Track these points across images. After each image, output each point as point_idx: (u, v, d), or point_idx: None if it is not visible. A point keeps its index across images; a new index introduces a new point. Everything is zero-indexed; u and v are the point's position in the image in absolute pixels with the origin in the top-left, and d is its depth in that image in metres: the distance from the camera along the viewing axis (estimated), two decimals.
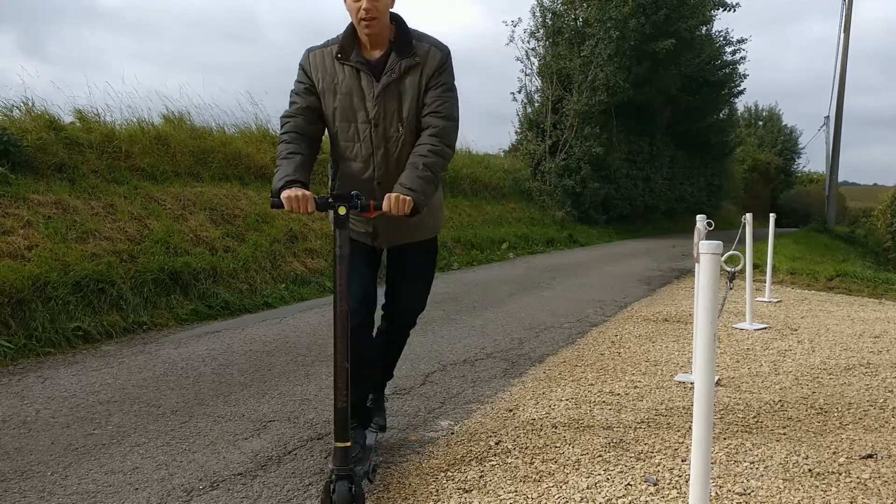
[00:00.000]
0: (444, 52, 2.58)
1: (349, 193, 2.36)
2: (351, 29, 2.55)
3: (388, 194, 2.41)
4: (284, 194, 2.39)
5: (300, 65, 2.63)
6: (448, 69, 2.59)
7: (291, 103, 2.64)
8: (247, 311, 6.37)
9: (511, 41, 21.81)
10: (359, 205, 2.36)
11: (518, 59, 20.67)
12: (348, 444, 2.30)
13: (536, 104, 19.57)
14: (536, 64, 19.44)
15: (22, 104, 7.15)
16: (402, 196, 2.40)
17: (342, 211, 2.33)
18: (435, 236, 2.91)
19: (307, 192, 2.41)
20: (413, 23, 2.65)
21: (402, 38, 2.55)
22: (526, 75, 19.57)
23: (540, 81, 19.46)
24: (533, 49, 19.52)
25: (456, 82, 2.64)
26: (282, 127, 2.64)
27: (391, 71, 2.52)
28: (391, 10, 2.55)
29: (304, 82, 2.62)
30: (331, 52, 2.57)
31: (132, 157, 7.72)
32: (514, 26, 19.49)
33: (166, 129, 8.76)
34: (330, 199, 2.37)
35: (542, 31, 19.30)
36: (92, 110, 8.02)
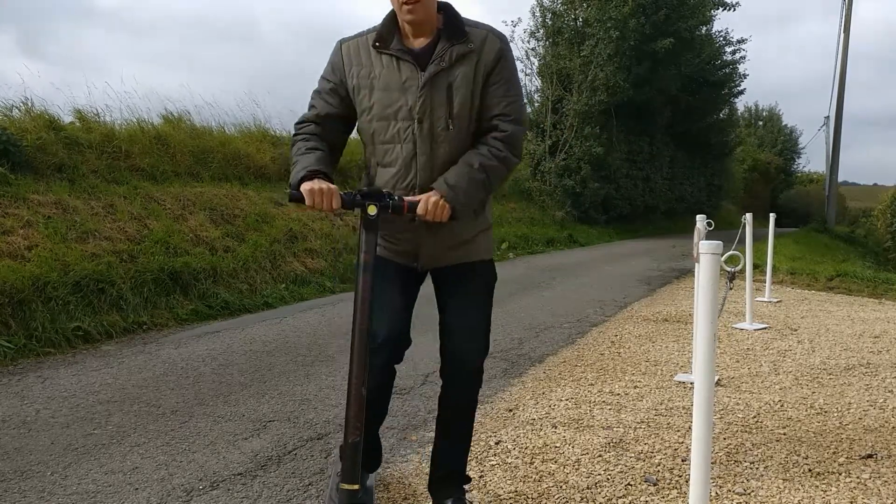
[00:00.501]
0: (503, 40, 2.20)
1: (380, 191, 2.06)
2: (391, 16, 2.20)
3: (424, 195, 2.09)
4: (306, 186, 2.05)
5: (330, 59, 2.27)
6: (509, 60, 2.20)
7: (310, 107, 2.31)
8: (247, 311, 6.37)
9: (511, 41, 21.79)
10: (391, 204, 2.05)
11: (518, 58, 20.67)
12: (357, 486, 1.98)
13: (536, 104, 19.58)
14: (536, 64, 19.49)
15: (21, 104, 7.17)
16: (439, 200, 2.07)
17: (372, 211, 2.02)
18: (491, 259, 2.40)
19: (332, 186, 2.07)
20: None
21: (453, 24, 2.17)
22: (526, 75, 19.62)
23: (540, 81, 19.50)
24: (533, 49, 19.56)
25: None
26: (295, 133, 2.30)
27: (440, 59, 2.13)
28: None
29: (330, 80, 2.26)
30: (366, 41, 2.21)
31: (132, 157, 7.72)
32: (514, 26, 19.58)
33: (166, 129, 8.76)
34: (358, 196, 2.04)
35: (542, 31, 19.34)
36: (91, 110, 8.04)
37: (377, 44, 2.18)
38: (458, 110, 2.16)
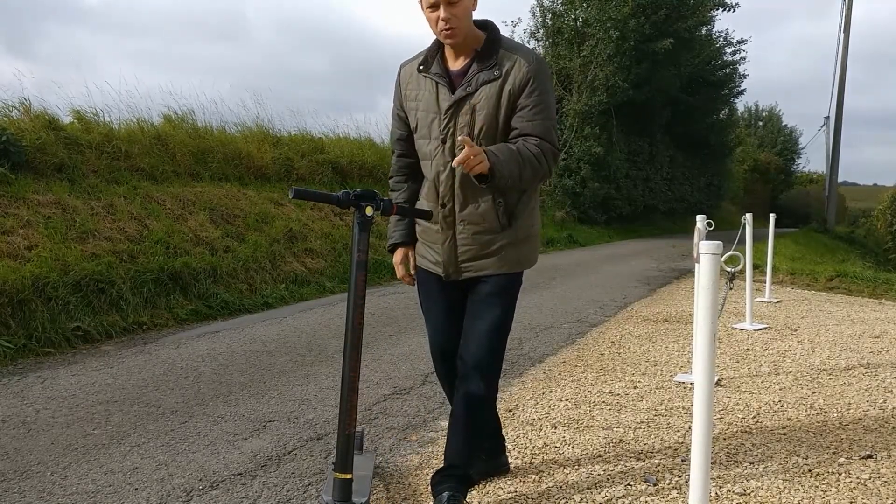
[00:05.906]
0: (533, 63, 2.25)
1: (373, 192, 2.16)
2: (437, 39, 2.35)
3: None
4: (394, 258, 2.58)
5: (395, 83, 2.47)
6: (539, 83, 2.25)
7: (391, 131, 2.55)
8: (247, 311, 6.37)
9: None
10: (382, 205, 2.17)
11: None
12: (350, 475, 2.12)
13: None
14: None
15: (20, 104, 7.17)
16: (480, 153, 2.10)
17: (369, 212, 2.12)
18: (516, 272, 2.45)
19: (402, 255, 2.55)
20: (410, 22, 2.50)
21: (488, 47, 2.28)
22: None
23: None
24: (533, 49, 19.54)
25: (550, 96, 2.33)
26: (391, 168, 2.58)
27: (467, 83, 2.27)
28: (476, 15, 2.31)
29: (395, 104, 2.48)
30: (417, 64, 2.39)
31: (132, 157, 7.73)
32: (514, 26, 19.51)
33: (166, 128, 8.77)
34: (353, 197, 2.12)
35: (542, 31, 19.33)
36: (90, 110, 8.04)
37: (421, 67, 2.36)
38: (481, 130, 2.28)
